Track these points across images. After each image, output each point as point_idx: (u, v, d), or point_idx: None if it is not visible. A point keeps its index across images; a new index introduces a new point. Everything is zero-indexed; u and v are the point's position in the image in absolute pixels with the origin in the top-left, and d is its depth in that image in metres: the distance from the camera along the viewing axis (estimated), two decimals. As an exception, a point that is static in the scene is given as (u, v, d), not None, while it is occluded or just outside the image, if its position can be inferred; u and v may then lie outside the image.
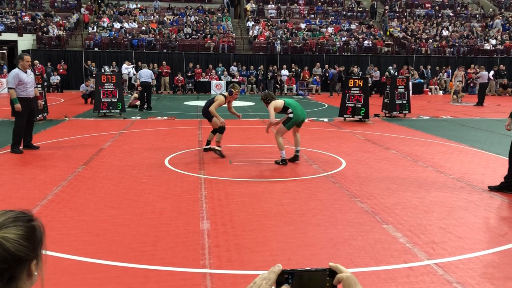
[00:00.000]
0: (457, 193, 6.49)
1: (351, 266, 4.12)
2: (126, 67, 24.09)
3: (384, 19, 31.74)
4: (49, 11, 29.53)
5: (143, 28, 28.51)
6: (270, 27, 30.05)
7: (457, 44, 29.55)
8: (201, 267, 4.07)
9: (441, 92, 26.71)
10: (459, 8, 35.01)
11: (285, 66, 26.40)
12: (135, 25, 29.14)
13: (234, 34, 29.68)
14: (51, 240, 4.55)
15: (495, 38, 30.40)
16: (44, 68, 24.20)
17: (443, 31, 31.21)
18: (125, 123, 13.37)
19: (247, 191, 6.42)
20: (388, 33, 30.95)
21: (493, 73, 25.25)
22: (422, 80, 27.07)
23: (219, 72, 26.22)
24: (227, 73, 26.03)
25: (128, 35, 27.63)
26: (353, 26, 31.45)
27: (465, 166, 8.19)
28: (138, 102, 17.58)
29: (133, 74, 24.23)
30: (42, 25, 27.38)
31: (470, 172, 7.69)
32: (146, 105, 16.90)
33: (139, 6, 31.59)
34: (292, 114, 8.02)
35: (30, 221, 1.26)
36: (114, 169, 7.64)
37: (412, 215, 5.51)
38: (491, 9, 35.15)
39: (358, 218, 5.38)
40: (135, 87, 22.59)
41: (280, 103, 8.10)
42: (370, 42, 29.06)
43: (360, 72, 25.24)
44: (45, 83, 18.11)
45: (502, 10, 35.02)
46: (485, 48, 29.59)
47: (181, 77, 25.20)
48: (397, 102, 15.17)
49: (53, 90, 23.95)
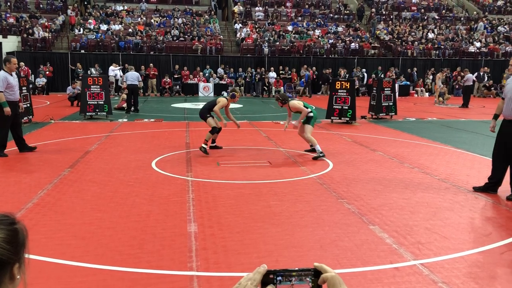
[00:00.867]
0: (443, 194, 6.56)
1: (338, 267, 4.14)
2: (113, 69, 23.93)
3: (373, 21, 31.99)
4: (34, 13, 29.23)
5: (130, 30, 28.36)
6: (257, 30, 30.11)
7: (442, 47, 29.89)
8: (188, 270, 4.06)
9: (427, 94, 26.98)
10: (444, 11, 35.43)
11: (272, 68, 26.46)
12: (121, 27, 28.99)
13: (221, 36, 29.67)
14: (36, 244, 4.51)
15: (480, 41, 30.81)
16: (36, 70, 24.14)
17: (428, 33, 31.55)
18: (112, 125, 13.28)
19: (234, 193, 6.41)
20: (375, 36, 31.20)
21: (476, 74, 25.57)
22: (408, 82, 27.34)
23: (207, 74, 26.19)
24: (215, 75, 26.00)
25: (115, 37, 27.47)
26: (340, 29, 31.64)
27: (450, 167, 8.28)
28: (125, 104, 17.49)
29: (120, 76, 24.09)
30: (27, 26, 27.09)
31: (455, 173, 7.78)
32: (133, 107, 16.81)
33: (125, 8, 31.43)
34: (312, 113, 9.03)
35: (12, 224, 1.25)
36: (101, 172, 7.58)
37: (398, 216, 5.56)
38: (475, 12, 35.62)
39: (345, 219, 5.41)
40: (121, 89, 22.47)
41: (301, 102, 9.17)
42: (357, 44, 29.26)
43: (347, 75, 25.40)
44: (30, 86, 17.92)
45: (486, 13, 35.52)
46: (469, 50, 29.98)
47: (168, 79, 25.11)
48: (383, 104, 15.29)
49: (38, 92, 23.70)
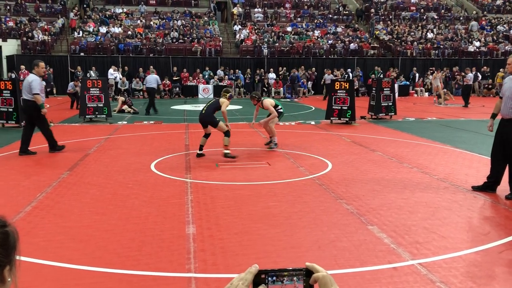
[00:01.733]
0: (441, 193, 6.56)
1: (336, 268, 4.15)
2: (112, 72, 23.95)
3: (372, 22, 32.01)
4: (33, 16, 29.28)
5: (129, 33, 28.39)
6: (257, 31, 30.13)
7: (441, 46, 29.90)
8: (186, 272, 4.07)
9: (426, 94, 26.97)
10: (443, 10, 35.43)
11: (272, 69, 26.47)
12: (121, 29, 29.02)
13: (221, 38, 29.70)
14: (34, 247, 4.52)
15: (479, 40, 30.81)
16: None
17: (428, 33, 31.57)
18: (111, 128, 13.29)
19: (233, 195, 6.42)
20: (374, 36, 31.22)
21: (474, 73, 25.56)
22: (408, 82, 27.34)
23: (206, 76, 26.21)
24: (216, 77, 26.02)
25: (114, 39, 27.50)
26: (339, 29, 31.66)
27: (449, 166, 8.28)
28: (125, 106, 17.51)
29: (120, 79, 24.12)
30: (26, 30, 27.14)
31: (454, 173, 7.78)
32: (150, 109, 16.96)
33: (125, 10, 31.46)
34: (281, 109, 10.05)
35: (3, 226, 1.26)
36: (100, 174, 7.59)
37: (396, 216, 5.56)
38: (474, 12, 35.63)
39: (344, 220, 5.41)
40: (121, 91, 22.50)
41: (272, 101, 10.07)
42: (356, 45, 29.27)
43: (346, 75, 25.39)
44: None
45: (485, 12, 35.53)
46: (469, 50, 29.98)
47: (168, 81, 25.14)
48: (383, 104, 15.29)
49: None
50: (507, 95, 6.38)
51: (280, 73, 26.36)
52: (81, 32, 28.11)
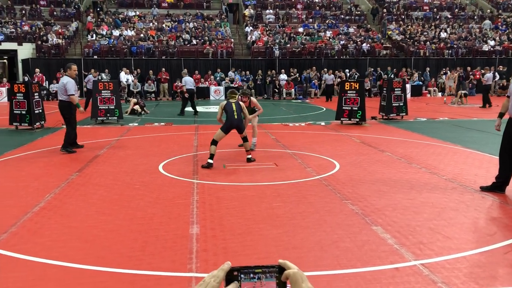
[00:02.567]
0: (449, 194, 6.49)
1: (337, 268, 4.14)
2: (124, 75, 24.18)
3: (384, 22, 31.79)
4: (48, 20, 29.70)
5: (142, 35, 28.63)
6: (268, 32, 30.14)
7: (455, 46, 29.57)
8: (187, 271, 4.09)
9: (439, 94, 26.70)
10: (457, 10, 35.04)
11: (283, 70, 26.45)
12: (133, 32, 29.29)
13: (232, 40, 29.78)
14: (40, 247, 4.59)
15: (494, 39, 30.40)
16: (50, 77, 24.71)
17: (441, 33, 31.25)
18: (122, 130, 13.42)
19: (238, 195, 6.44)
20: (387, 36, 31.01)
21: (492, 73, 25.20)
22: (421, 82, 27.09)
23: (218, 78, 26.30)
24: (227, 78, 26.10)
25: (127, 42, 27.76)
26: (351, 30, 31.51)
27: (458, 167, 8.19)
28: (137, 106, 17.67)
29: (132, 81, 24.32)
30: (41, 34, 27.54)
31: (463, 173, 7.69)
32: (194, 111, 17.29)
33: (137, 13, 31.73)
34: (261, 110, 10.08)
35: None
36: (108, 175, 7.67)
37: (401, 217, 5.52)
38: (488, 10, 35.17)
39: (348, 220, 5.40)
40: (134, 94, 22.71)
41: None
42: (369, 45, 29.10)
43: (356, 75, 25.26)
44: (44, 92, 18.22)
45: (500, 10, 35.05)
46: (483, 49, 29.60)
47: (179, 83, 25.26)
48: (394, 105, 15.18)
49: (52, 98, 24.04)
50: (515, 94, 6.30)
51: (291, 74, 26.32)
52: (94, 35, 28.43)
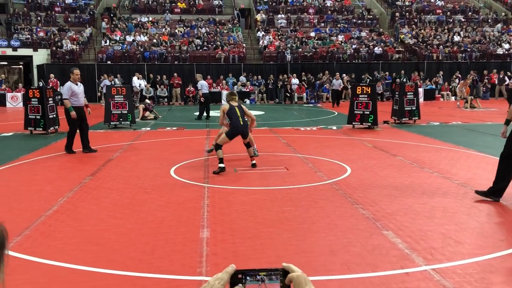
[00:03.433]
0: (461, 198, 6.43)
1: (347, 273, 4.12)
2: (136, 80, 24.40)
3: (397, 25, 31.65)
4: (63, 26, 30.12)
5: (155, 41, 28.88)
6: (280, 37, 30.20)
7: (469, 50, 29.30)
8: (197, 275, 4.11)
9: (453, 98, 26.46)
10: (470, 13, 34.75)
11: (295, 74, 26.45)
12: (146, 38, 29.56)
13: (244, 45, 29.88)
14: (52, 250, 4.66)
15: (508, 42, 30.08)
16: (64, 82, 24.80)
17: (454, 36, 31.01)
18: (135, 134, 13.53)
19: (249, 199, 6.45)
20: (400, 40, 30.85)
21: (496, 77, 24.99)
22: (434, 86, 26.88)
23: (229, 83, 26.40)
24: (239, 83, 26.19)
25: (140, 47, 28.02)
26: (363, 34, 31.42)
27: (471, 171, 8.11)
28: (147, 113, 17.80)
29: (145, 86, 24.52)
30: (56, 39, 27.94)
31: (475, 178, 7.61)
32: (206, 114, 17.35)
33: (150, 19, 32.04)
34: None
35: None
36: (120, 179, 7.74)
37: (413, 221, 5.48)
38: (503, 13, 34.81)
39: (359, 225, 5.37)
40: (146, 99, 22.87)
41: None
42: (381, 49, 28.98)
43: (368, 79, 25.16)
44: (59, 97, 18.44)
45: (515, 14, 34.69)
46: (497, 53, 29.29)
47: (192, 88, 25.43)
48: (406, 109, 15.09)
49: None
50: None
51: (303, 79, 26.28)
52: (108, 40, 28.75)
